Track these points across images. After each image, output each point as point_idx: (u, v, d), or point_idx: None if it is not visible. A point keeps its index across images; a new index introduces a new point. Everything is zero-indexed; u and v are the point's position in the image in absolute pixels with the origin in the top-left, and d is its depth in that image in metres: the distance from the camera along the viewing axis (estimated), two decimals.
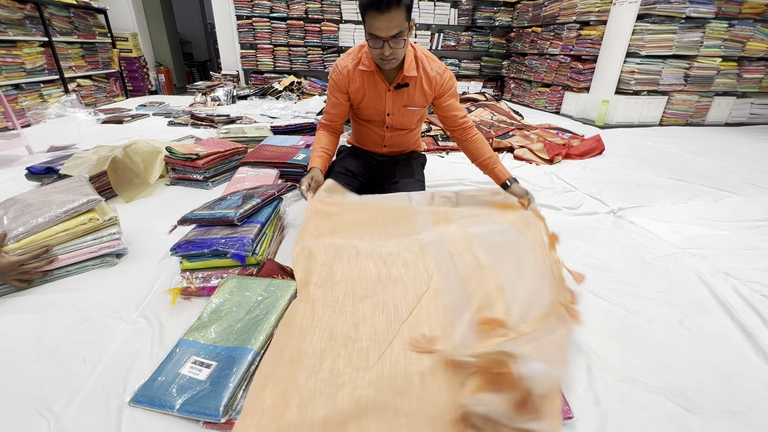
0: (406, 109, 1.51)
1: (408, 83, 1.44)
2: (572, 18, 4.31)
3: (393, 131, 1.61)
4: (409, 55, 1.40)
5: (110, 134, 2.92)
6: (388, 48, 1.24)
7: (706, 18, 3.68)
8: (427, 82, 1.46)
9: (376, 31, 1.20)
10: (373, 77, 1.44)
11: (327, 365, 0.74)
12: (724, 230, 1.64)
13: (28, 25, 3.47)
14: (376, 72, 1.42)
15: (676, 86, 3.95)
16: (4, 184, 1.91)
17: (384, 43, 1.22)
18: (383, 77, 1.43)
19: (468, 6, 5.41)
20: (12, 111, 2.37)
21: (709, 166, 2.63)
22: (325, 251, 1.06)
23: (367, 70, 1.41)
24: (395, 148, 1.69)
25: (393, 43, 1.23)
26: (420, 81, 1.45)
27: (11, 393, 0.79)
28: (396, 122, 1.56)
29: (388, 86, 1.45)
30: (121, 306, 1.05)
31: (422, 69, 1.44)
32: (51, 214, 1.13)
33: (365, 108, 1.52)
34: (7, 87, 3.26)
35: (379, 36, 1.21)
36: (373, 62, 1.39)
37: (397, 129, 1.60)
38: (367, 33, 1.25)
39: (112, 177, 1.70)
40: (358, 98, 1.49)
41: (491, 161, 1.47)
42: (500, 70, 5.95)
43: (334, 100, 1.50)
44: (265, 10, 5.03)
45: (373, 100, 1.49)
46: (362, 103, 1.51)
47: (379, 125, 1.59)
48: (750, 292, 1.21)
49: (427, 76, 1.45)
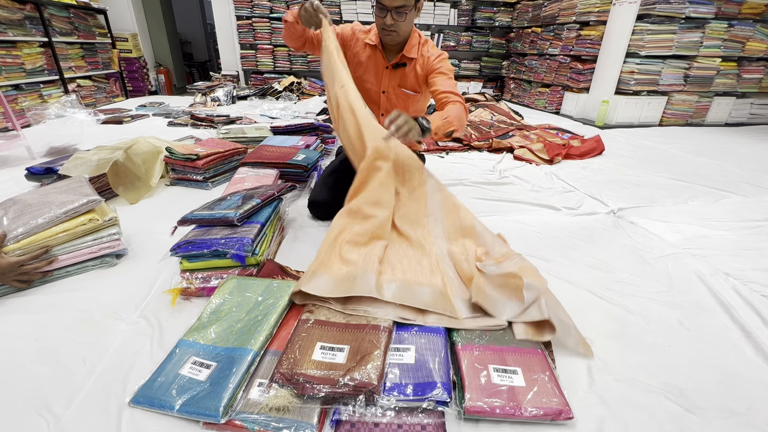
0: (400, 90, 1.57)
1: (405, 63, 1.51)
2: (572, 18, 4.31)
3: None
4: (413, 38, 1.48)
5: (110, 135, 2.92)
6: (391, 18, 1.32)
7: (706, 18, 3.68)
8: (420, 64, 1.53)
9: (382, 0, 1.31)
10: (375, 52, 1.51)
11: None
12: (724, 230, 1.64)
13: (28, 26, 3.47)
14: (379, 48, 1.49)
15: (676, 86, 3.95)
16: (4, 184, 1.91)
17: (387, 12, 1.31)
18: (384, 55, 1.51)
19: (468, 6, 5.42)
20: (12, 111, 2.37)
21: (709, 166, 2.63)
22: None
23: (371, 44, 1.50)
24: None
25: (396, 15, 1.32)
26: (416, 64, 1.52)
27: (11, 393, 0.79)
28: (391, 105, 1.60)
29: (387, 63, 1.52)
30: (120, 306, 1.05)
31: (421, 53, 1.51)
32: (51, 214, 1.13)
33: (362, 81, 1.56)
34: (7, 87, 3.26)
35: (383, 5, 1.31)
36: (378, 37, 1.49)
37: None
38: (373, 4, 1.35)
39: (113, 180, 1.70)
40: (355, 63, 1.54)
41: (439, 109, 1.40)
42: (500, 71, 5.96)
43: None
44: (264, 10, 5.04)
45: (371, 73, 1.55)
46: (360, 74, 1.54)
47: (374, 109, 1.62)
48: (750, 292, 1.21)
49: (422, 58, 1.52)
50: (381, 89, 1.56)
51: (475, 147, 2.83)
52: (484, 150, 2.81)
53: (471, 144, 2.84)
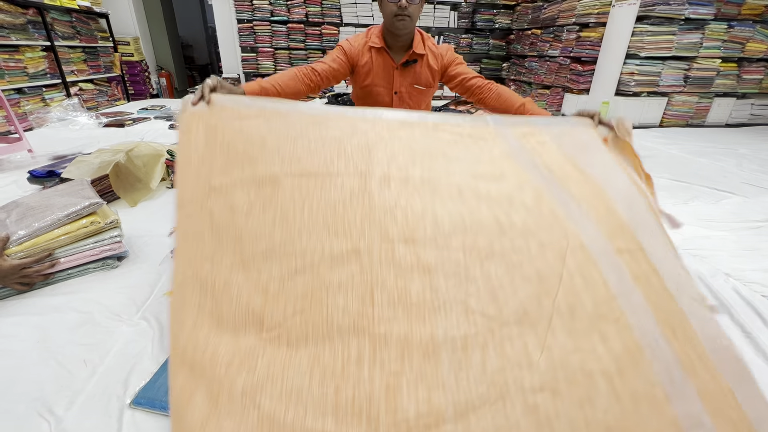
0: (414, 87, 1.54)
1: (416, 60, 1.49)
2: (572, 20, 4.31)
3: None
4: (417, 35, 1.47)
5: (112, 138, 2.94)
6: (405, 1, 1.30)
7: (706, 19, 3.68)
8: (432, 58, 1.51)
9: None
10: (381, 54, 1.48)
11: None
12: (725, 231, 1.64)
13: (30, 30, 3.50)
14: (384, 49, 1.47)
15: (676, 87, 3.95)
16: (7, 187, 1.92)
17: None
18: (390, 55, 1.48)
19: (468, 8, 5.43)
20: (14, 115, 2.39)
21: (709, 166, 2.63)
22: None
23: (375, 46, 1.46)
24: None
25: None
26: (427, 59, 1.50)
27: (13, 395, 0.79)
28: (404, 105, 1.57)
29: (395, 63, 1.49)
30: (122, 308, 1.05)
31: (428, 48, 1.50)
32: (53, 217, 1.14)
33: (373, 86, 1.53)
34: (9, 91, 3.28)
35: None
36: (382, 39, 1.46)
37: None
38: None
39: (114, 182, 1.71)
40: (365, 73, 1.50)
41: (524, 109, 1.29)
42: (500, 73, 5.96)
43: (336, 58, 1.44)
44: (265, 13, 5.06)
45: (381, 76, 1.51)
46: (370, 81, 1.51)
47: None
48: (750, 293, 1.20)
49: (432, 53, 1.51)
50: (393, 90, 1.53)
51: None
52: None
53: None
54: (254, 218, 0.73)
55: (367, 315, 0.61)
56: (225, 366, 0.59)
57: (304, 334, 0.61)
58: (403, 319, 0.60)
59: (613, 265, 0.68)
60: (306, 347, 0.60)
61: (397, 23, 1.36)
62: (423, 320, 0.60)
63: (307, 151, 0.81)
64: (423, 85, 1.53)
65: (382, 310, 0.61)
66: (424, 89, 1.55)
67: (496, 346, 0.57)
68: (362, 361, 0.57)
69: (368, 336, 0.59)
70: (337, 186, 0.76)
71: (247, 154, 0.80)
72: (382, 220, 0.71)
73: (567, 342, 0.58)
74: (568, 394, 0.53)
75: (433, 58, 1.51)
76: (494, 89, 1.39)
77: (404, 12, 1.33)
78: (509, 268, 0.66)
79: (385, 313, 0.61)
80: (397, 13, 1.33)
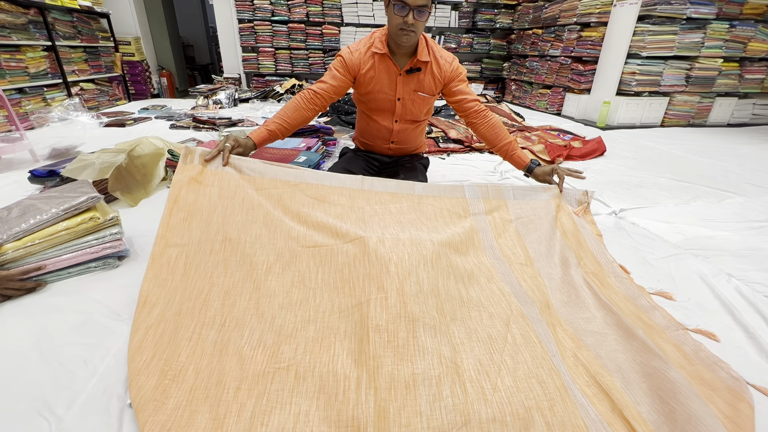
0: (417, 94, 1.52)
1: (420, 68, 1.47)
2: (573, 20, 4.31)
3: (402, 124, 1.60)
4: (421, 41, 1.44)
5: (113, 137, 2.94)
6: (412, 17, 1.29)
7: (707, 19, 3.68)
8: (437, 68, 1.49)
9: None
10: (385, 60, 1.46)
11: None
12: (727, 231, 1.63)
13: (31, 30, 3.50)
14: (388, 56, 1.44)
15: (678, 87, 3.95)
16: (8, 187, 1.92)
17: (410, 11, 1.28)
18: (394, 62, 1.46)
19: (469, 8, 5.43)
20: (15, 115, 2.39)
21: (711, 166, 2.62)
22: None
23: (379, 52, 1.44)
24: (402, 145, 1.69)
25: (417, 15, 1.29)
26: (431, 66, 1.48)
27: (13, 394, 0.79)
28: (407, 111, 1.56)
29: (399, 70, 1.47)
30: (122, 308, 1.05)
31: (433, 55, 1.48)
32: (51, 212, 1.13)
33: (375, 92, 1.51)
34: (11, 91, 3.28)
35: (407, 3, 1.27)
36: (386, 45, 1.43)
37: (407, 121, 1.59)
38: (393, 1, 1.29)
39: (114, 183, 1.71)
40: (367, 81, 1.48)
41: (510, 147, 1.47)
42: (501, 72, 5.96)
43: (336, 74, 1.44)
44: (266, 13, 5.06)
45: (384, 83, 1.49)
46: (372, 87, 1.50)
47: (388, 116, 1.58)
48: (753, 293, 1.20)
49: (437, 62, 1.48)
50: (396, 96, 1.52)
51: (476, 148, 2.83)
52: (485, 151, 2.81)
53: (472, 145, 2.84)
54: (274, 276, 0.96)
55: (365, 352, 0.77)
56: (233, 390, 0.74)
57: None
58: (392, 357, 0.76)
59: (545, 331, 0.91)
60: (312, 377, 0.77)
61: (402, 36, 1.34)
62: (406, 360, 0.75)
63: (315, 227, 1.07)
64: (426, 93, 1.52)
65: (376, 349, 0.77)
66: (428, 97, 1.54)
67: (461, 385, 0.74)
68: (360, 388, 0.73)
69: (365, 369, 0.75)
70: (342, 252, 0.99)
71: (266, 223, 1.06)
72: (378, 276, 0.89)
73: (512, 385, 0.77)
74: (512, 424, 0.69)
75: (437, 66, 1.48)
76: (489, 119, 1.49)
77: (410, 27, 1.31)
78: (468, 332, 0.88)
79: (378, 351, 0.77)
80: (402, 27, 1.31)
